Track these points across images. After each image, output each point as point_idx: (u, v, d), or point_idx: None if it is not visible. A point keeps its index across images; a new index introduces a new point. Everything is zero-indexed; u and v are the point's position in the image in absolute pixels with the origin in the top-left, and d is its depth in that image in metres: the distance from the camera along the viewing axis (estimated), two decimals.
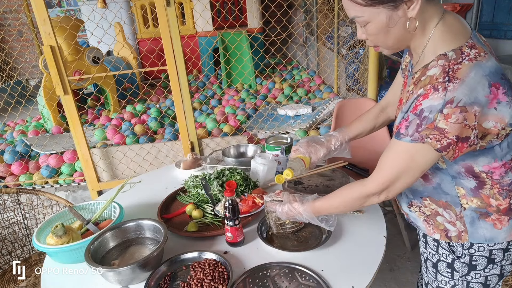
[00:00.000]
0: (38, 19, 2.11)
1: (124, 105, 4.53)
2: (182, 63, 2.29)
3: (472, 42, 0.82)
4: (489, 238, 0.94)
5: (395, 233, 2.46)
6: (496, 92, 0.78)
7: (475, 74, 0.77)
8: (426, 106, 0.78)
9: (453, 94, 0.76)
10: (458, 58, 0.79)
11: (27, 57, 6.63)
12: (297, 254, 1.15)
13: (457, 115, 0.76)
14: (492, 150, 0.86)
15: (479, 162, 0.88)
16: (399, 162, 0.86)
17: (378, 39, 0.89)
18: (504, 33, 4.67)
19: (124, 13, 5.57)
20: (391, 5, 0.81)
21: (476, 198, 0.92)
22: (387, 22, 0.83)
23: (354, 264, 1.10)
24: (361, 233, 1.24)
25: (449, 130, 0.77)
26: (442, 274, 1.04)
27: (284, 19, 3.06)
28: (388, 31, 0.85)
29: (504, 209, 0.92)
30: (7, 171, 2.92)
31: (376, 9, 0.82)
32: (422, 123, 0.79)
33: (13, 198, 1.93)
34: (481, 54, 0.79)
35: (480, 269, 0.98)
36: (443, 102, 0.76)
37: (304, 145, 1.26)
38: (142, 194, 1.63)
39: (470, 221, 0.94)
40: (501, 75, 0.79)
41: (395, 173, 0.87)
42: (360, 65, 3.23)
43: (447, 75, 0.77)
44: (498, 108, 0.78)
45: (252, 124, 3.52)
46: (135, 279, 1.07)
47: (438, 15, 0.86)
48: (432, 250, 1.05)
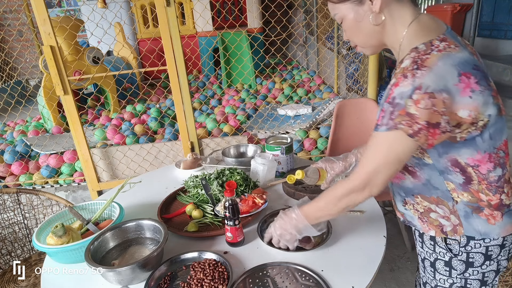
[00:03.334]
0: (38, 19, 2.12)
1: (124, 105, 4.53)
2: (182, 63, 2.30)
3: (443, 37, 0.85)
4: (484, 233, 0.94)
5: (395, 233, 2.46)
6: (467, 82, 0.81)
7: (444, 64, 0.80)
8: (397, 93, 0.82)
9: (421, 80, 0.79)
10: (428, 49, 0.83)
11: (27, 57, 6.64)
12: (297, 254, 1.15)
13: (426, 101, 0.79)
14: (473, 142, 0.87)
15: (463, 154, 0.89)
16: (378, 153, 0.89)
17: (352, 35, 0.97)
18: (504, 33, 4.68)
19: (124, 13, 5.57)
20: (355, 1, 0.90)
21: (466, 192, 0.93)
22: (355, 17, 0.92)
23: (354, 264, 1.10)
24: (361, 233, 1.24)
25: (419, 116, 0.80)
26: (440, 273, 1.04)
27: (284, 19, 3.06)
28: (358, 26, 0.94)
29: (495, 204, 0.93)
30: (7, 171, 2.92)
31: (345, 5, 0.92)
32: (395, 110, 0.82)
33: (13, 198, 1.93)
34: (451, 46, 0.83)
35: (477, 266, 0.98)
36: (412, 88, 0.80)
37: (323, 160, 1.33)
38: (142, 194, 1.63)
39: (464, 215, 0.95)
40: (473, 66, 0.82)
41: (375, 165, 0.89)
42: (360, 65, 3.23)
43: (416, 64, 0.82)
44: (473, 97, 0.81)
45: (252, 124, 3.52)
46: (135, 279, 1.07)
47: (412, 15, 0.91)
48: (429, 249, 1.05)
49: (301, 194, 1.47)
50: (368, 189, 0.93)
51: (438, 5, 5.89)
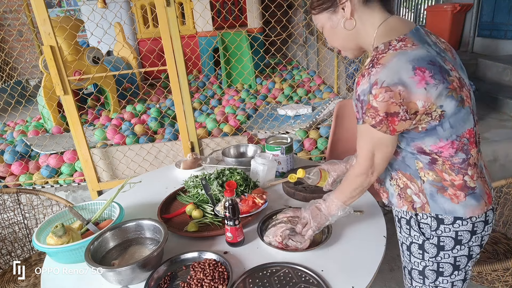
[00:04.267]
0: (38, 19, 2.12)
1: (124, 105, 4.53)
2: (182, 63, 2.30)
3: (403, 37, 0.93)
4: (448, 211, 1.01)
5: (395, 233, 2.45)
6: (422, 75, 0.88)
7: (398, 60, 0.89)
8: (360, 91, 0.93)
9: (376, 76, 0.89)
10: (385, 49, 0.92)
11: (27, 57, 6.64)
12: (297, 254, 1.15)
13: (383, 94, 0.88)
14: (434, 131, 0.96)
15: (426, 143, 0.98)
16: (365, 142, 1.01)
17: (331, 41, 1.08)
18: (504, 33, 4.67)
19: (124, 13, 5.57)
20: (331, 10, 1.01)
21: (432, 171, 1.01)
22: (331, 24, 1.03)
23: (354, 264, 1.10)
24: (361, 233, 1.24)
25: (379, 108, 0.90)
26: (415, 256, 1.10)
27: (284, 19, 3.06)
28: (334, 32, 1.04)
29: (459, 185, 1.00)
30: (7, 171, 2.92)
31: (322, 15, 1.03)
32: (363, 105, 0.94)
33: (13, 198, 1.93)
34: (407, 45, 0.91)
35: (448, 250, 1.04)
36: (369, 85, 0.90)
37: (326, 162, 1.39)
38: (142, 194, 1.63)
39: (430, 193, 1.02)
40: (429, 61, 0.89)
41: (367, 150, 1.02)
42: (360, 65, 3.23)
43: (372, 62, 0.92)
44: (427, 89, 0.89)
45: (252, 124, 3.52)
46: (135, 279, 1.07)
47: (381, 18, 0.99)
48: (405, 233, 1.12)
49: (301, 194, 1.47)
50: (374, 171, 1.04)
51: (438, 5, 5.89)
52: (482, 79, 4.12)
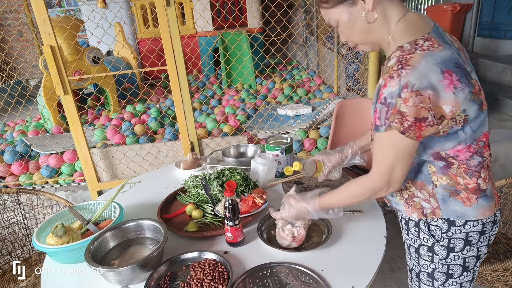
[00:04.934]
0: (38, 19, 2.12)
1: (124, 105, 4.53)
2: (182, 63, 2.30)
3: (428, 36, 0.89)
4: (461, 214, 0.99)
5: (395, 233, 2.45)
6: (451, 79, 0.85)
7: (426, 62, 0.85)
8: (387, 94, 0.87)
9: (407, 78, 0.84)
10: (412, 49, 0.88)
11: (27, 57, 6.63)
12: (297, 254, 1.15)
13: (414, 99, 0.83)
14: (456, 135, 0.92)
15: (445, 147, 0.95)
16: (387, 152, 0.94)
17: (349, 36, 1.01)
18: (504, 33, 4.67)
19: (124, 13, 5.57)
20: (349, 2, 0.93)
21: (445, 176, 0.99)
22: (349, 18, 0.95)
23: (354, 264, 1.10)
24: (361, 233, 1.24)
25: (408, 113, 0.85)
26: (424, 258, 1.08)
27: (284, 19, 3.06)
28: (353, 27, 0.97)
29: (472, 188, 0.98)
30: (7, 171, 2.92)
31: (338, 9, 0.95)
32: (389, 109, 0.87)
33: (13, 198, 1.93)
34: (434, 46, 0.87)
35: (458, 251, 1.03)
36: (399, 87, 0.84)
37: (320, 153, 1.35)
38: (142, 194, 1.63)
39: (442, 198, 1.00)
40: (455, 64, 0.86)
41: (389, 162, 0.94)
42: (360, 65, 3.23)
43: (400, 63, 0.86)
44: (455, 93, 0.85)
45: (252, 124, 3.52)
46: (135, 279, 1.07)
47: (400, 12, 0.94)
48: (414, 235, 1.09)
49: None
50: (390, 186, 0.97)
51: (438, 5, 5.89)
52: (482, 79, 4.12)
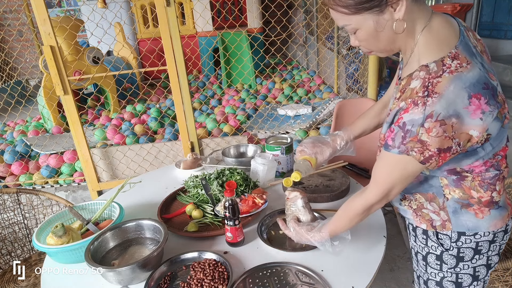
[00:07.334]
0: (38, 19, 2.11)
1: (124, 105, 4.53)
2: (182, 63, 2.29)
3: (455, 52, 0.82)
4: (472, 228, 0.96)
5: (395, 233, 2.46)
6: (478, 103, 0.78)
7: (454, 87, 0.78)
8: (408, 120, 0.81)
9: (432, 108, 0.78)
10: (439, 70, 0.80)
11: (27, 57, 6.63)
12: (297, 254, 1.15)
13: (437, 129, 0.78)
14: (475, 152, 0.87)
15: (462, 164, 0.90)
16: (392, 173, 0.90)
17: (369, 44, 0.91)
18: (504, 33, 4.67)
19: (124, 13, 5.57)
20: (376, 10, 0.82)
21: (458, 189, 0.95)
22: (375, 26, 0.85)
23: (354, 264, 1.10)
24: (361, 233, 1.24)
25: (430, 143, 0.80)
26: (432, 266, 1.06)
27: (284, 19, 3.06)
28: (377, 36, 0.87)
29: (485, 201, 0.94)
30: (7, 171, 2.92)
31: (362, 16, 0.83)
32: (406, 135, 0.82)
33: (13, 198, 1.93)
34: (462, 65, 0.80)
35: (467, 260, 1.00)
36: (423, 117, 0.79)
37: (309, 145, 1.25)
38: (142, 194, 1.63)
39: (453, 211, 0.97)
40: (483, 85, 0.80)
41: (391, 183, 0.91)
42: (360, 65, 3.23)
43: (427, 89, 0.80)
44: (483, 118, 0.79)
45: (252, 124, 3.52)
46: (135, 279, 1.07)
47: (425, 17, 0.86)
48: (421, 243, 1.07)
49: None
50: (385, 200, 0.96)
51: (438, 5, 5.89)
52: None
